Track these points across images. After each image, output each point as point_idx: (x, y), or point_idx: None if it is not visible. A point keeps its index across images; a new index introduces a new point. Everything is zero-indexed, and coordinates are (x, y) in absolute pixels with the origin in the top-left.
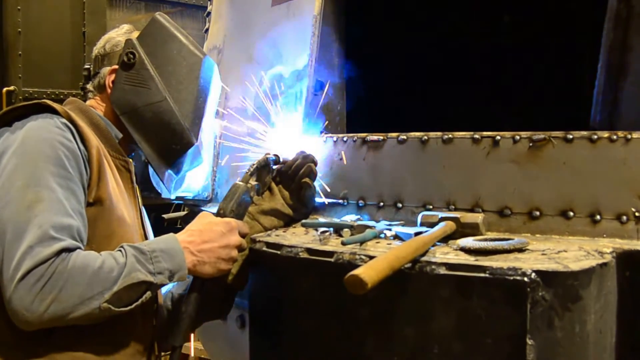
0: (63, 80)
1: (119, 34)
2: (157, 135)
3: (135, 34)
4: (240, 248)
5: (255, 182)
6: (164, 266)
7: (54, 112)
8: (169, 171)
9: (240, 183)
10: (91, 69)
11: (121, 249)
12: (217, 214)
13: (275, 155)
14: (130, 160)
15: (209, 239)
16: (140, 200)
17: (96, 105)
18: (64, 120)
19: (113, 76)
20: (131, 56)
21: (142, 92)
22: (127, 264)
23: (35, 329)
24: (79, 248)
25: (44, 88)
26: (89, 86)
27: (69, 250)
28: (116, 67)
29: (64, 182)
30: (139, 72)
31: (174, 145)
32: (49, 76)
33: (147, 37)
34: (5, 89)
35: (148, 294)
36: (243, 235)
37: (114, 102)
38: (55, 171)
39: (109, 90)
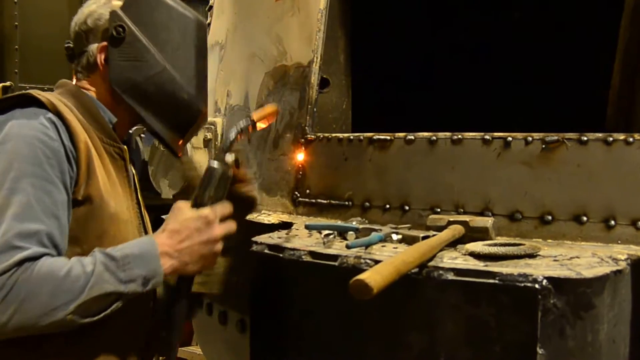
0: (61, 75)
1: (100, 5)
2: (165, 108)
3: (118, 4)
4: (226, 236)
5: (233, 156)
6: (137, 273)
7: (41, 104)
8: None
9: (216, 164)
10: (73, 46)
11: (92, 254)
12: (194, 204)
13: (249, 117)
14: (125, 147)
15: (186, 237)
16: (137, 187)
17: (88, 86)
18: (50, 115)
19: (104, 54)
20: (120, 30)
21: (140, 66)
22: (95, 273)
23: (2, 338)
24: (48, 254)
25: (41, 84)
26: (76, 66)
27: (33, 258)
28: (105, 43)
29: (38, 182)
30: (132, 45)
31: (183, 115)
32: (47, 71)
33: (131, 6)
34: (1, 85)
35: (118, 303)
36: (227, 217)
37: (113, 81)
38: (31, 171)
39: (101, 69)
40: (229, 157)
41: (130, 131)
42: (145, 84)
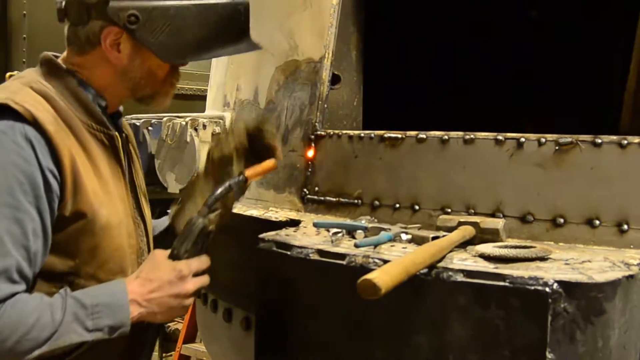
0: None
1: None
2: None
3: None
4: (197, 292)
5: (218, 212)
6: (105, 323)
7: (17, 115)
8: None
9: (198, 219)
10: (69, 11)
11: (63, 298)
12: (171, 255)
13: (242, 175)
14: (116, 134)
15: (157, 288)
16: (134, 169)
17: (79, 65)
18: (27, 131)
19: (110, 38)
20: (133, 18)
21: (177, 28)
22: (63, 323)
23: None
24: (17, 292)
25: None
26: (70, 34)
27: (3, 300)
28: (114, 29)
29: (9, 212)
30: (153, 20)
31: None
32: None
33: None
34: (8, 74)
35: (84, 346)
36: (203, 272)
37: (164, 58)
38: (2, 200)
39: (104, 50)
40: (212, 214)
41: (138, 124)
42: (182, 38)
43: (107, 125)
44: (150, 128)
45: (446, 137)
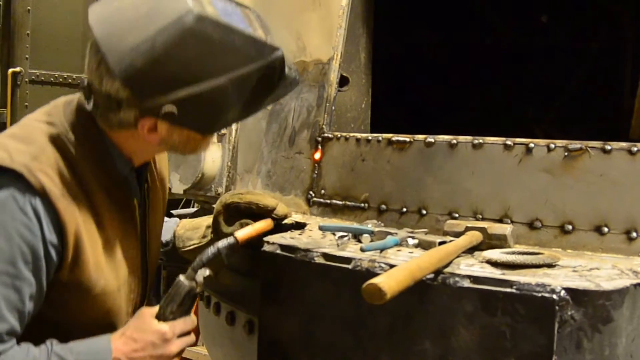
0: (73, 63)
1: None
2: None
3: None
4: (181, 351)
5: (206, 274)
6: None
7: (28, 184)
8: None
9: (184, 281)
10: (94, 95)
11: (48, 353)
12: (157, 315)
13: (234, 237)
14: (135, 203)
15: (141, 348)
16: (152, 221)
17: (114, 136)
18: (37, 204)
19: (148, 125)
20: (170, 114)
21: (214, 104)
22: None
23: None
24: (3, 351)
25: (52, 70)
26: (98, 114)
27: None
28: (152, 119)
29: (9, 280)
30: (192, 107)
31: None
32: (58, 58)
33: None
34: (11, 70)
35: None
36: (187, 333)
37: (209, 133)
38: (3, 269)
39: (145, 137)
40: (200, 276)
41: None
42: (221, 110)
43: (127, 193)
44: None
45: (455, 141)
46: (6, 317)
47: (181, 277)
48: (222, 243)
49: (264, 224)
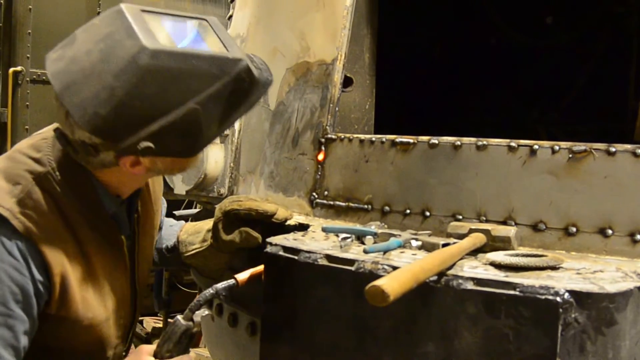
0: None
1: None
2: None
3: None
4: None
5: (204, 314)
6: None
7: (13, 227)
8: None
9: (181, 321)
10: (71, 142)
11: None
12: (155, 353)
13: (234, 279)
14: (123, 239)
15: None
16: (136, 247)
17: (99, 174)
18: (22, 246)
19: (129, 162)
20: (147, 149)
21: (189, 129)
22: None
23: None
24: None
25: None
26: (79, 158)
27: None
28: (132, 158)
29: (2, 319)
30: (167, 136)
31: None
32: None
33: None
34: (12, 70)
35: None
36: None
37: (191, 155)
38: None
39: (129, 171)
40: (198, 316)
41: None
42: (197, 132)
43: (113, 229)
44: None
45: (458, 142)
46: (2, 354)
47: (179, 317)
48: (221, 285)
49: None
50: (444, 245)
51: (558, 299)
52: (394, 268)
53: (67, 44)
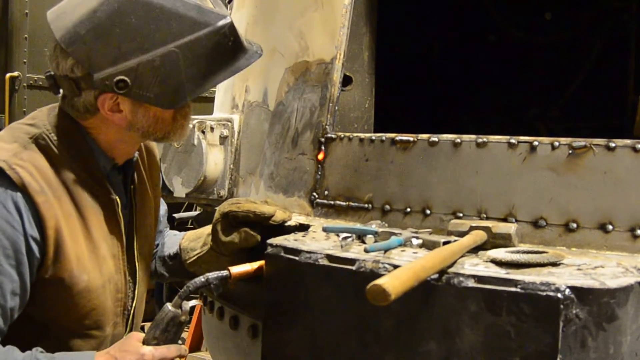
0: None
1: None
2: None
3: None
4: None
5: (194, 304)
6: None
7: (11, 180)
8: None
9: (170, 308)
10: (59, 84)
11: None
12: (143, 339)
13: (227, 270)
14: (117, 199)
15: None
16: (140, 221)
17: (86, 126)
18: (18, 198)
19: (108, 104)
20: (122, 84)
21: (168, 74)
22: None
23: None
24: None
25: None
26: (66, 105)
27: None
28: (109, 95)
29: None
30: (144, 75)
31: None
32: None
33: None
34: (8, 75)
35: None
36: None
37: (158, 105)
38: None
39: (105, 116)
40: (186, 305)
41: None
42: (176, 81)
43: (108, 190)
44: None
45: (458, 140)
46: None
47: (167, 304)
48: (212, 274)
49: (260, 264)
50: (445, 243)
51: (559, 295)
52: (395, 267)
53: None
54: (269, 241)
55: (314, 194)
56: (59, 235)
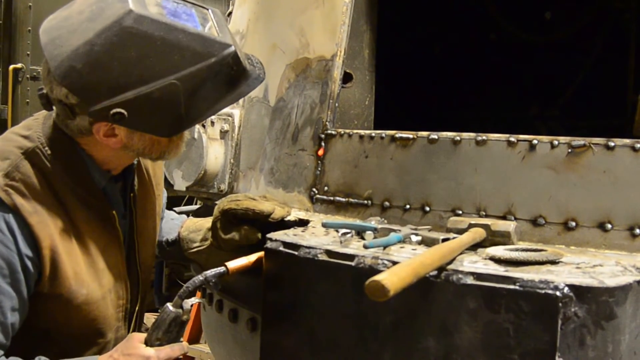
0: None
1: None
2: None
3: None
4: None
5: (194, 300)
6: None
7: (1, 201)
8: None
9: (171, 309)
10: (54, 105)
11: None
12: (145, 340)
13: (225, 267)
14: (114, 214)
15: None
16: (134, 226)
17: (83, 144)
18: (10, 219)
19: (103, 130)
20: (118, 116)
21: (166, 106)
22: None
23: None
24: None
25: None
26: (61, 123)
27: None
28: (105, 123)
29: None
30: (142, 108)
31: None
32: None
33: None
34: (12, 67)
35: None
36: (178, 358)
37: (151, 132)
38: None
39: (106, 142)
40: (187, 304)
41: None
42: (175, 112)
43: (105, 204)
44: None
45: (458, 138)
46: None
47: (168, 305)
48: (210, 272)
49: (257, 256)
50: (444, 240)
51: (558, 293)
52: (394, 263)
53: (65, 7)
54: (269, 235)
55: (314, 189)
56: (55, 254)
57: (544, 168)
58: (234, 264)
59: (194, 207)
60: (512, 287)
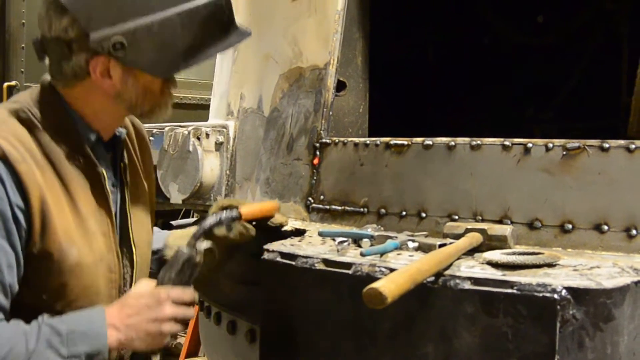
0: None
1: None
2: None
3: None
4: (178, 319)
5: (207, 244)
6: (81, 350)
7: None
8: None
9: (184, 249)
10: (46, 49)
11: (39, 325)
12: (157, 281)
13: (237, 210)
14: (102, 171)
15: (135, 313)
16: (131, 199)
17: (69, 96)
18: None
19: (100, 67)
20: (119, 45)
21: (165, 41)
22: (37, 351)
23: None
24: None
25: None
26: (54, 72)
27: None
28: (102, 57)
29: None
30: (141, 40)
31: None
32: None
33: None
34: (6, 84)
35: None
36: (189, 303)
37: (150, 72)
38: None
39: (95, 80)
40: (200, 245)
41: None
42: (172, 49)
43: (93, 162)
44: (151, 138)
45: (453, 143)
46: None
47: (181, 246)
48: (225, 214)
49: (270, 205)
50: (441, 245)
51: (555, 296)
52: (391, 270)
53: None
54: (266, 246)
55: (310, 198)
56: (44, 205)
57: (539, 171)
58: (246, 208)
59: (190, 220)
60: (509, 291)
